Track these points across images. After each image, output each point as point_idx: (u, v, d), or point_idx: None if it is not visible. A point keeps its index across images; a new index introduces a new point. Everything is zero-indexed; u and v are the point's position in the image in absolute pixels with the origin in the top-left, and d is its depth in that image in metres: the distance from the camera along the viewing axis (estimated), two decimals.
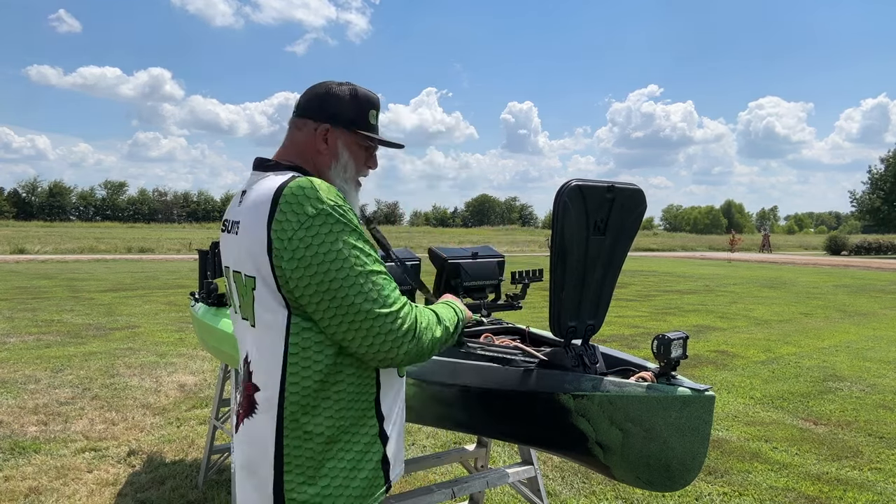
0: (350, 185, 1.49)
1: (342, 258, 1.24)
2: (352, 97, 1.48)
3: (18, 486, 3.60)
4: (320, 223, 1.23)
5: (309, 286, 1.24)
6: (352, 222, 1.28)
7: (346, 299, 1.24)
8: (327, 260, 1.23)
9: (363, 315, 1.24)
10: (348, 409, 1.35)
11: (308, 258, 1.23)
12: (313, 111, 1.47)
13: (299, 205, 1.24)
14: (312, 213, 1.23)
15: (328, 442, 1.33)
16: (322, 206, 1.24)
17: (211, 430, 3.67)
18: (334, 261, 1.23)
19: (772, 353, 7.90)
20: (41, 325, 8.97)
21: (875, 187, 49.65)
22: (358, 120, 1.48)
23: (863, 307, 12.68)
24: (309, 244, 1.23)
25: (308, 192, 1.25)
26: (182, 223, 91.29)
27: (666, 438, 1.49)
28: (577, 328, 1.77)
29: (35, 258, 24.49)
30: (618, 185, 1.69)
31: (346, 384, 1.34)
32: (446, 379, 1.94)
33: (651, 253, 42.32)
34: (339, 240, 1.24)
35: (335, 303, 1.24)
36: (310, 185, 1.27)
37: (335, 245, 1.24)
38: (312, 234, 1.23)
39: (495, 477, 2.68)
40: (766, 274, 22.24)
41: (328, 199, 1.26)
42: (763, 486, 3.82)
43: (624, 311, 11.67)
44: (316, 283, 1.23)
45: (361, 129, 1.49)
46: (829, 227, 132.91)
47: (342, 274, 1.23)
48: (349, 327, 1.25)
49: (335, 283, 1.23)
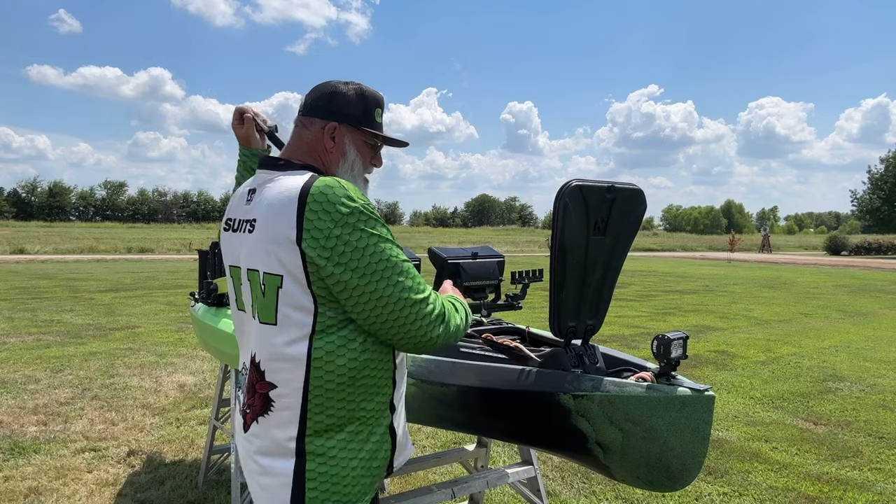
0: (358, 181, 1.52)
1: (379, 251, 1.31)
2: (358, 96, 1.50)
3: (18, 486, 3.60)
4: (355, 220, 1.29)
5: (351, 280, 1.29)
6: (380, 219, 1.35)
7: (387, 290, 1.30)
8: (367, 254, 1.30)
9: (402, 304, 1.32)
10: (369, 402, 1.40)
11: (348, 254, 1.28)
12: (321, 110, 1.49)
13: (331, 203, 1.28)
14: (346, 211, 1.29)
15: (348, 435, 1.38)
16: (354, 205, 1.30)
17: (211, 431, 3.67)
18: (372, 254, 1.30)
19: (772, 353, 7.89)
20: (41, 325, 8.97)
21: (875, 187, 49.66)
22: (364, 118, 1.50)
23: (863, 307, 12.68)
24: (347, 241, 1.28)
25: (338, 192, 1.30)
26: (182, 223, 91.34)
27: (666, 438, 1.49)
28: (577, 328, 1.78)
29: (35, 258, 24.49)
30: (618, 185, 1.69)
31: (369, 379, 1.39)
32: (446, 379, 1.94)
33: (651, 253, 42.32)
34: (374, 235, 1.31)
35: (376, 294, 1.30)
36: (338, 184, 1.32)
37: (371, 240, 1.30)
38: (349, 232, 1.29)
39: (495, 477, 2.68)
40: (766, 274, 22.24)
41: (358, 197, 1.32)
42: (763, 486, 3.82)
43: (624, 311, 11.67)
44: (358, 277, 1.29)
45: (367, 126, 1.51)
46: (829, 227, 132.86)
47: (381, 266, 1.30)
48: (388, 316, 1.32)
49: (375, 275, 1.30)
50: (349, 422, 1.37)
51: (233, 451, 3.04)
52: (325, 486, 1.36)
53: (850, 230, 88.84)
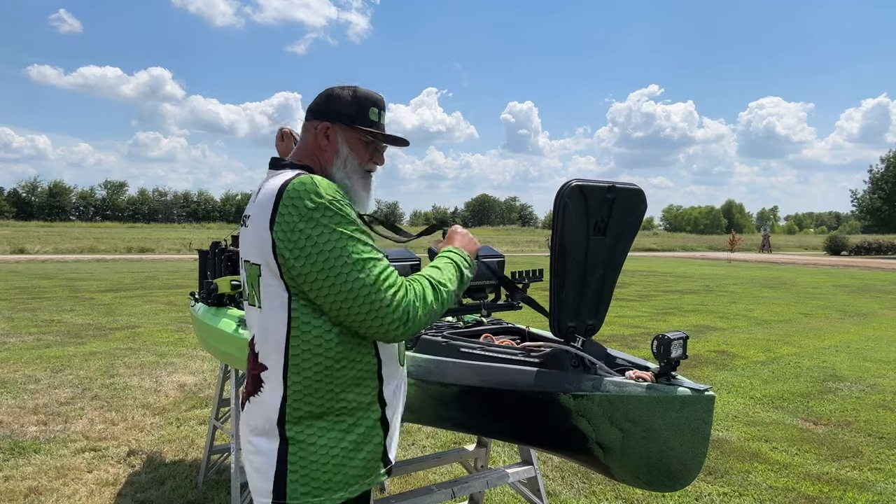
0: (353, 178, 1.57)
1: (339, 247, 1.35)
2: (352, 96, 1.57)
3: (18, 486, 3.60)
4: (319, 215, 1.35)
5: (311, 273, 1.35)
6: (349, 215, 1.39)
7: (345, 285, 1.35)
8: (326, 249, 1.34)
9: (360, 299, 1.35)
10: (349, 393, 1.45)
11: (309, 248, 1.34)
12: (317, 112, 1.58)
13: (300, 199, 1.35)
14: (311, 206, 1.35)
15: (328, 423, 1.43)
16: (321, 201, 1.36)
17: (211, 430, 3.67)
18: (332, 249, 1.35)
19: (772, 353, 7.89)
20: (41, 325, 8.97)
21: (875, 187, 49.64)
22: (357, 116, 1.56)
23: (863, 307, 12.68)
24: (309, 235, 1.34)
25: (308, 188, 1.37)
26: (182, 223, 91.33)
27: (666, 438, 1.49)
28: (577, 328, 1.77)
29: (35, 258, 24.50)
30: (618, 185, 1.69)
31: (347, 371, 1.44)
32: (446, 379, 1.94)
33: (651, 253, 42.32)
34: (336, 230, 1.36)
35: (335, 288, 1.35)
36: (310, 181, 1.38)
37: (333, 235, 1.35)
38: (312, 226, 1.35)
39: (495, 477, 2.68)
40: (766, 274, 22.24)
41: (326, 193, 1.37)
42: (763, 486, 3.82)
43: (624, 311, 11.67)
44: (317, 271, 1.35)
45: (361, 124, 1.56)
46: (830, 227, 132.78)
47: (340, 262, 1.35)
48: (349, 310, 1.36)
49: (334, 269, 1.34)
50: (328, 411, 1.43)
51: (233, 450, 3.04)
52: (305, 472, 1.41)
53: (850, 230, 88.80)
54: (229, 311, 3.07)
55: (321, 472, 1.41)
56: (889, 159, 49.38)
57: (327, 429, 1.43)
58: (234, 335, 2.81)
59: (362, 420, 1.47)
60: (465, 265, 1.60)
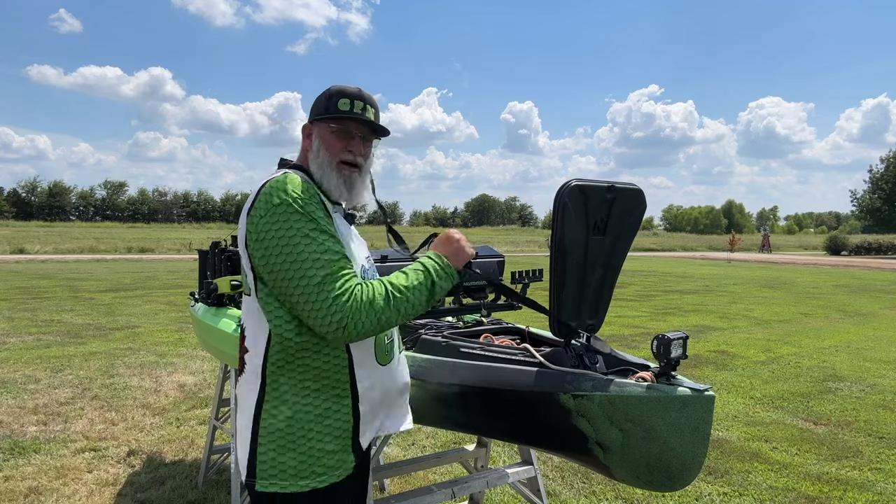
0: (326, 170, 1.60)
1: (294, 244, 1.42)
2: (325, 94, 1.65)
3: (18, 486, 3.60)
4: (281, 211, 1.43)
5: (267, 265, 1.44)
6: (310, 214, 1.45)
7: (292, 281, 1.42)
8: (280, 244, 1.42)
9: (306, 297, 1.41)
10: (317, 381, 1.50)
11: (267, 241, 1.43)
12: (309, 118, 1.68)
13: (269, 195, 1.45)
14: (276, 202, 1.44)
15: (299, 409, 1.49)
16: (285, 198, 1.44)
17: (211, 430, 3.67)
18: (286, 245, 1.42)
19: (772, 353, 7.89)
20: (41, 325, 8.97)
21: (875, 187, 49.62)
22: (327, 110, 1.62)
23: (863, 307, 12.67)
24: (269, 229, 1.43)
25: (279, 185, 1.46)
26: (182, 223, 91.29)
27: (666, 438, 1.49)
28: (577, 328, 1.77)
29: (35, 258, 24.49)
30: (618, 185, 1.68)
31: (313, 359, 1.50)
32: (446, 379, 1.94)
33: (651, 253, 42.31)
34: (294, 227, 1.43)
35: (284, 283, 1.43)
36: (283, 179, 1.48)
37: (289, 232, 1.42)
38: (273, 221, 1.43)
39: (495, 477, 2.68)
40: (766, 274, 22.24)
41: (292, 192, 1.45)
42: (763, 486, 3.82)
43: (624, 311, 11.67)
44: (272, 264, 1.44)
45: (329, 115, 1.62)
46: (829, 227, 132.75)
47: (291, 258, 1.41)
48: (297, 305, 1.43)
49: (284, 264, 1.42)
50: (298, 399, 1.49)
51: (233, 450, 3.04)
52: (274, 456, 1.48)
53: (850, 230, 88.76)
54: (229, 311, 3.07)
55: (289, 458, 1.47)
56: (889, 159, 49.36)
57: (298, 417, 1.48)
58: (234, 335, 2.81)
59: (330, 411, 1.51)
60: (438, 274, 1.55)
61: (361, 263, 1.60)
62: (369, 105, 1.63)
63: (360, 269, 1.58)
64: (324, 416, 1.50)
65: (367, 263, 1.65)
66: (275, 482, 1.47)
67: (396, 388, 1.70)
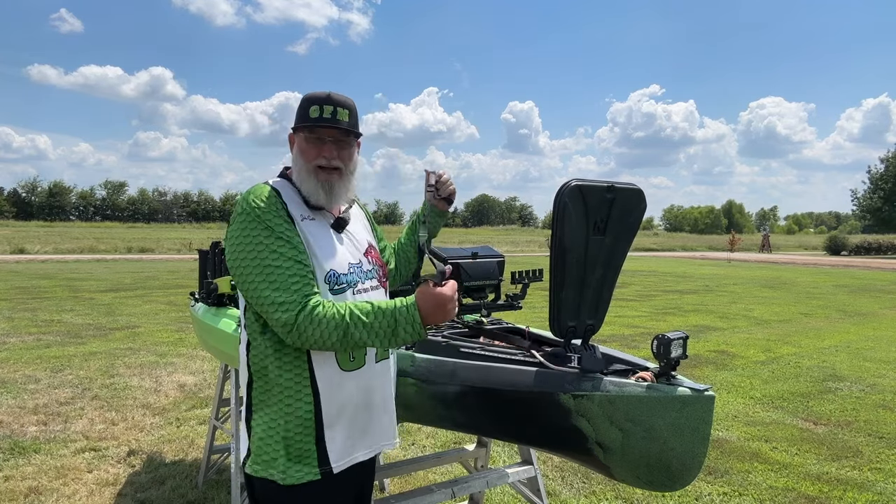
0: (303, 176, 1.64)
1: (248, 251, 1.51)
2: (301, 102, 1.67)
3: (18, 486, 3.60)
4: (241, 220, 1.54)
5: (232, 269, 1.55)
6: (267, 222, 1.52)
7: (250, 286, 1.51)
8: (240, 251, 1.52)
9: (256, 299, 1.51)
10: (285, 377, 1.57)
11: (231, 248, 1.55)
12: None
13: (237, 205, 1.57)
14: (239, 210, 1.56)
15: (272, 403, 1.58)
16: (245, 206, 1.54)
17: (211, 430, 3.67)
18: (242, 251, 1.52)
19: (772, 353, 7.89)
20: (41, 325, 8.97)
21: (875, 187, 49.62)
22: (301, 119, 1.66)
23: (863, 307, 12.67)
24: (232, 236, 1.55)
25: (247, 195, 1.57)
26: (182, 223, 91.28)
27: (666, 438, 1.49)
28: (577, 328, 1.77)
29: (35, 258, 24.49)
30: (617, 185, 1.68)
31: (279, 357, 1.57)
32: (446, 379, 1.94)
33: (651, 253, 42.31)
34: (250, 236, 1.51)
35: (244, 285, 1.53)
36: (253, 189, 1.59)
37: (247, 240, 1.52)
38: (235, 229, 1.55)
39: (495, 477, 2.68)
40: (765, 274, 22.23)
41: (253, 201, 1.55)
42: (763, 486, 3.82)
43: (624, 311, 11.67)
44: (234, 269, 1.54)
45: (304, 121, 1.65)
46: (829, 227, 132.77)
47: (245, 264, 1.51)
48: (256, 304, 1.52)
49: (241, 269, 1.52)
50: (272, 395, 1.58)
51: (233, 450, 3.04)
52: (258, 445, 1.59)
53: (850, 230, 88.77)
54: (229, 311, 3.07)
55: (266, 447, 1.57)
56: (889, 159, 49.35)
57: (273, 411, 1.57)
58: (234, 335, 2.81)
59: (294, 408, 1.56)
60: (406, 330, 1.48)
61: (335, 269, 1.60)
62: (340, 107, 1.63)
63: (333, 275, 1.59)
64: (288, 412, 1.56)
65: (350, 270, 1.65)
66: (259, 469, 1.58)
67: (372, 396, 1.66)
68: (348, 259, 1.66)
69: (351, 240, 1.71)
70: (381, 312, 1.49)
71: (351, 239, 1.71)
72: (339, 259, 1.62)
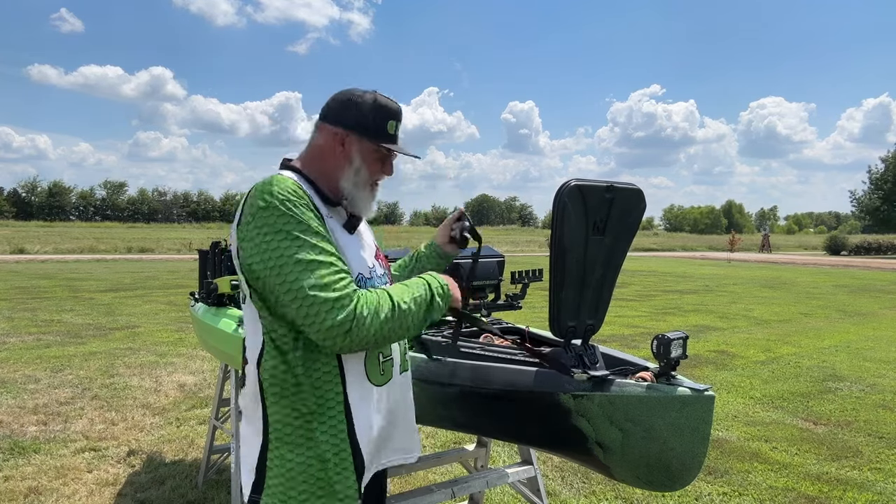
0: (360, 189, 1.54)
1: (283, 247, 1.33)
2: (373, 107, 1.53)
3: (18, 486, 3.60)
4: (267, 215, 1.35)
5: (258, 271, 1.36)
6: (298, 216, 1.36)
7: (283, 285, 1.33)
8: (270, 248, 1.34)
9: (298, 301, 1.32)
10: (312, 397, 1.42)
11: (256, 245, 1.35)
12: (334, 116, 1.54)
13: (254, 198, 1.37)
14: (262, 205, 1.36)
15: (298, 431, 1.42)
16: (271, 200, 1.36)
17: (211, 430, 3.67)
18: (275, 249, 1.34)
19: (772, 353, 7.89)
20: (41, 325, 8.97)
21: (875, 187, 49.63)
22: (375, 129, 1.53)
23: (863, 307, 12.67)
24: (256, 233, 1.35)
25: (266, 187, 1.38)
26: (182, 223, 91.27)
27: (666, 438, 1.49)
28: (577, 328, 1.77)
29: (35, 258, 24.49)
30: (617, 184, 1.68)
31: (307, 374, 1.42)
32: (446, 379, 1.94)
33: (651, 253, 42.31)
34: (283, 230, 1.34)
35: (277, 288, 1.34)
36: (270, 180, 1.40)
37: (277, 235, 1.34)
38: (259, 224, 1.35)
39: (495, 477, 2.68)
40: (765, 274, 22.23)
41: (280, 193, 1.37)
42: (763, 486, 3.82)
43: (624, 311, 11.67)
44: (260, 269, 1.35)
45: (378, 138, 1.53)
46: (829, 227, 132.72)
47: (281, 261, 1.33)
48: (288, 310, 1.34)
49: (275, 269, 1.33)
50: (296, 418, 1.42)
51: (233, 450, 3.04)
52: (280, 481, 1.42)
53: (849, 230, 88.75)
54: (229, 311, 3.07)
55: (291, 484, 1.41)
56: (889, 159, 49.36)
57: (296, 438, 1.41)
58: (234, 335, 2.81)
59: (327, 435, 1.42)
60: (440, 293, 1.49)
61: (362, 273, 1.51)
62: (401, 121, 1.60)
63: (361, 279, 1.50)
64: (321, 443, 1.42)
65: (370, 273, 1.56)
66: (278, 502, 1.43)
67: (398, 409, 1.60)
68: (367, 262, 1.56)
69: (364, 242, 1.62)
70: (412, 282, 1.48)
71: (364, 241, 1.62)
72: (362, 261, 1.53)
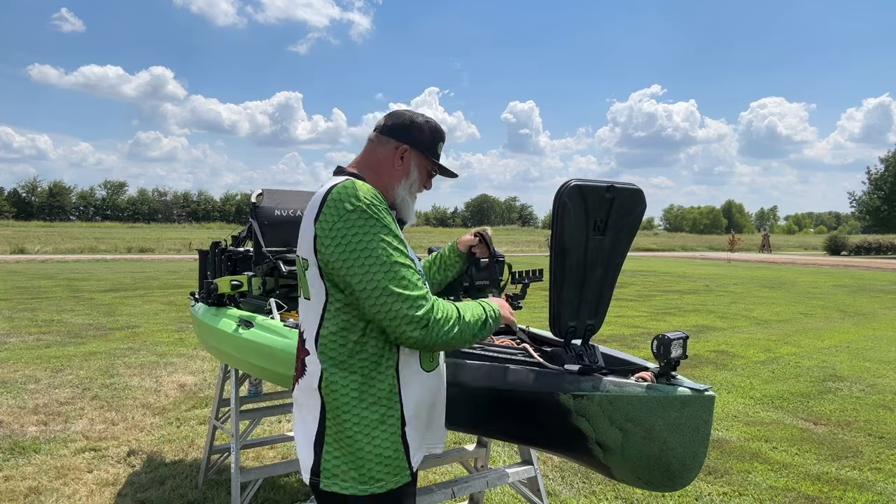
0: (408, 193, 1.74)
1: (371, 248, 1.47)
2: (430, 128, 1.76)
3: (18, 486, 3.60)
4: (356, 217, 1.48)
5: (343, 269, 1.48)
6: (383, 220, 1.50)
7: (370, 284, 1.46)
8: (358, 249, 1.47)
9: (383, 299, 1.45)
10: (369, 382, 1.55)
11: (343, 246, 1.47)
12: (397, 133, 1.72)
13: (340, 201, 1.49)
14: (350, 208, 1.48)
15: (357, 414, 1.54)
16: (358, 204, 1.49)
17: (211, 430, 3.67)
18: (363, 250, 1.46)
19: (772, 353, 7.89)
20: (41, 325, 8.97)
21: (875, 187, 49.62)
22: (431, 147, 1.75)
23: (863, 307, 12.67)
24: (344, 234, 1.48)
25: (350, 192, 1.50)
26: (182, 223, 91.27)
27: (666, 438, 1.49)
28: (577, 328, 1.77)
29: (35, 258, 24.48)
30: (617, 184, 1.68)
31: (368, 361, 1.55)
32: (447, 379, 1.94)
33: (651, 253, 42.30)
34: (370, 233, 1.48)
35: (360, 286, 1.47)
36: (352, 185, 1.52)
37: (366, 237, 1.47)
38: (348, 227, 1.48)
39: (495, 477, 2.68)
40: (765, 274, 22.23)
41: (364, 198, 1.50)
42: (763, 486, 3.82)
43: (624, 311, 11.67)
44: (347, 268, 1.47)
45: (432, 155, 1.75)
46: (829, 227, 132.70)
47: (370, 262, 1.46)
48: (371, 308, 1.47)
49: (363, 268, 1.46)
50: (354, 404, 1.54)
51: (233, 450, 3.04)
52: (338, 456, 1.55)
53: (849, 230, 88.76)
54: (229, 311, 3.07)
55: (350, 465, 1.53)
56: (888, 159, 49.34)
57: (357, 428, 1.54)
58: (234, 335, 2.81)
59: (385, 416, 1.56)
60: (492, 316, 1.65)
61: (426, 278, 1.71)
62: None
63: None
64: (379, 422, 1.55)
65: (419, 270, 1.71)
66: (336, 482, 1.55)
67: (437, 396, 1.74)
68: (417, 262, 1.70)
69: None
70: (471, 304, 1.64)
71: None
72: (416, 261, 1.66)
